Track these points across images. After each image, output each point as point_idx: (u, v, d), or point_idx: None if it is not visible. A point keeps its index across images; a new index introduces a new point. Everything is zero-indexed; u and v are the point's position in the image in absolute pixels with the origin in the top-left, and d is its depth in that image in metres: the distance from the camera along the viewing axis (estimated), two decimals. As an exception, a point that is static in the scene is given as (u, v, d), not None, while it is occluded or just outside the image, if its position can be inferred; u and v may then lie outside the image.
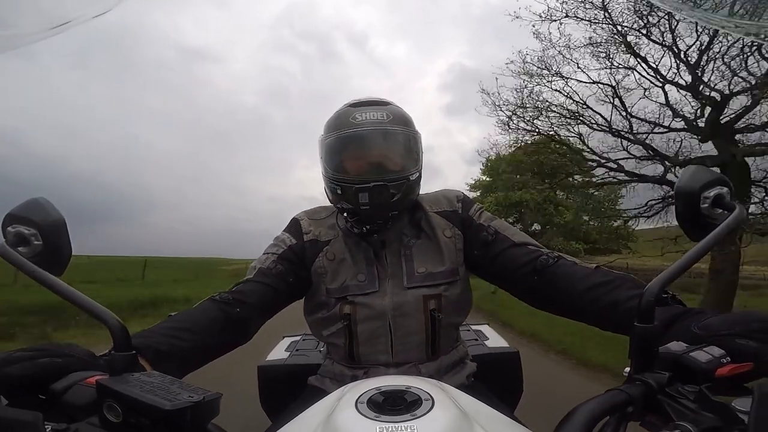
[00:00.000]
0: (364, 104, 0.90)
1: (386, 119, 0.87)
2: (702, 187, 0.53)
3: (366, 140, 0.87)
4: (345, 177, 0.87)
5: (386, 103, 0.91)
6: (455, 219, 0.94)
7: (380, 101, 0.92)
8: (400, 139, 0.89)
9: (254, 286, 0.85)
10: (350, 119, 0.87)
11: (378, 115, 0.87)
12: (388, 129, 0.87)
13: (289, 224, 0.98)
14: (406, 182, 0.87)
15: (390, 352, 0.88)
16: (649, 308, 0.44)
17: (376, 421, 0.41)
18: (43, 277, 0.47)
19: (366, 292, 0.88)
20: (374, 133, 0.87)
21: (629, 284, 0.70)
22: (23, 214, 0.51)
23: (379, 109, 0.88)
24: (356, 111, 0.88)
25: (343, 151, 0.88)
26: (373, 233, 0.90)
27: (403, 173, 0.87)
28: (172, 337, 0.66)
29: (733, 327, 0.46)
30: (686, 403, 0.39)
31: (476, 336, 1.51)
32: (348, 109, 0.90)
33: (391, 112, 0.89)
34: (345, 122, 0.88)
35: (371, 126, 0.86)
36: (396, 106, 0.92)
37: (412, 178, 0.88)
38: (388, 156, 0.87)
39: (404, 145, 0.89)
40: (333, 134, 0.89)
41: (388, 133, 0.87)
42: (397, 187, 0.85)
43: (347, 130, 0.87)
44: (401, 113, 0.91)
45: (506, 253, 0.87)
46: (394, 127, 0.88)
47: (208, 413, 0.38)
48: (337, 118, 0.90)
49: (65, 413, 0.41)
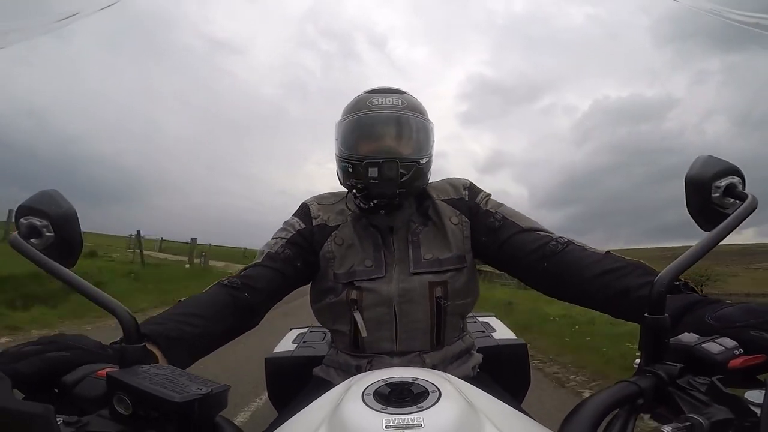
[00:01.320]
0: (382, 91, 0.95)
1: (401, 105, 0.91)
2: (713, 176, 0.52)
3: (380, 122, 0.90)
4: (358, 155, 0.89)
5: (402, 92, 0.95)
6: (462, 206, 0.95)
7: (397, 90, 0.95)
8: (413, 124, 0.92)
9: (262, 270, 0.86)
10: (367, 103, 0.91)
11: (394, 101, 0.91)
12: (403, 114, 0.90)
13: (299, 209, 0.99)
14: (416, 165, 0.89)
15: (395, 339, 0.88)
16: (659, 299, 0.43)
17: (383, 413, 0.41)
18: (55, 268, 0.47)
19: (372, 278, 0.89)
20: (389, 117, 0.90)
21: (640, 271, 0.69)
22: (35, 206, 0.51)
23: (395, 96, 0.92)
24: (373, 96, 0.92)
25: (358, 132, 0.92)
26: (379, 208, 0.90)
27: (414, 156, 0.89)
28: (182, 323, 0.67)
29: (748, 318, 0.45)
30: (697, 395, 0.38)
31: (483, 328, 1.50)
32: (366, 95, 0.94)
33: (406, 99, 0.92)
34: (362, 105, 0.92)
35: (386, 110, 0.90)
36: (411, 96, 0.95)
37: (422, 161, 0.90)
38: (401, 139, 0.90)
39: (416, 130, 0.92)
40: (349, 116, 0.93)
41: (401, 118, 0.91)
42: (407, 168, 0.87)
43: (363, 113, 0.91)
44: (416, 102, 0.94)
45: (514, 238, 0.86)
46: (408, 113, 0.91)
47: (216, 405, 0.38)
48: (355, 103, 0.94)
49: (77, 406, 0.41)
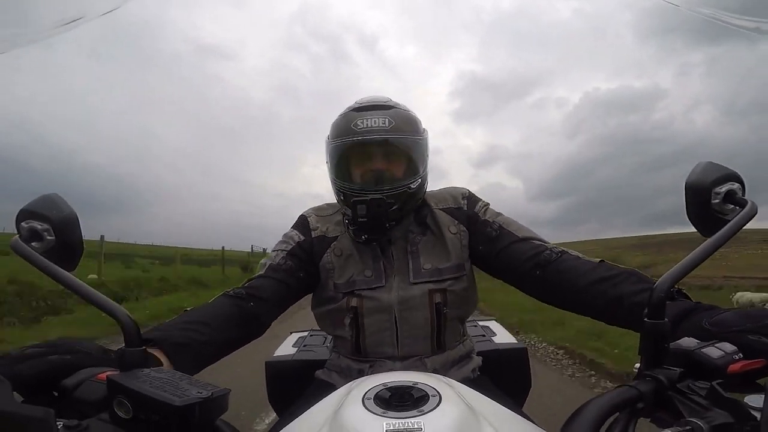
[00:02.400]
0: (367, 108, 0.90)
1: (388, 125, 0.87)
2: (713, 182, 0.53)
3: (365, 148, 0.88)
4: (347, 184, 0.89)
5: (389, 107, 0.90)
6: (460, 216, 0.95)
7: (383, 104, 0.91)
8: (402, 147, 0.89)
9: (266, 281, 0.87)
10: (352, 126, 0.87)
11: (380, 122, 0.87)
12: (390, 138, 0.87)
13: (297, 221, 1.00)
14: (406, 191, 0.87)
15: (396, 345, 0.89)
16: (659, 304, 0.43)
17: (383, 417, 0.41)
18: (56, 272, 0.47)
19: (373, 287, 0.89)
20: (374, 141, 0.87)
21: (634, 279, 0.70)
22: (36, 210, 0.51)
23: (381, 114, 0.88)
24: (359, 117, 0.88)
25: (345, 158, 0.90)
26: (372, 241, 0.91)
27: (404, 182, 0.87)
28: (188, 330, 0.67)
29: (745, 323, 0.46)
30: (697, 400, 0.38)
31: (483, 332, 1.50)
32: (351, 114, 0.90)
33: (394, 116, 0.88)
34: (347, 129, 0.88)
35: (372, 134, 0.86)
36: (400, 109, 0.91)
37: (413, 186, 0.88)
38: (389, 164, 0.88)
39: (405, 153, 0.89)
40: (336, 141, 0.90)
41: (389, 141, 0.87)
42: (396, 197, 0.86)
43: (348, 138, 0.87)
44: (405, 117, 0.90)
45: (510, 248, 0.87)
46: (396, 134, 0.87)
47: (216, 409, 0.38)
48: (340, 123, 0.90)
49: (77, 409, 0.41)
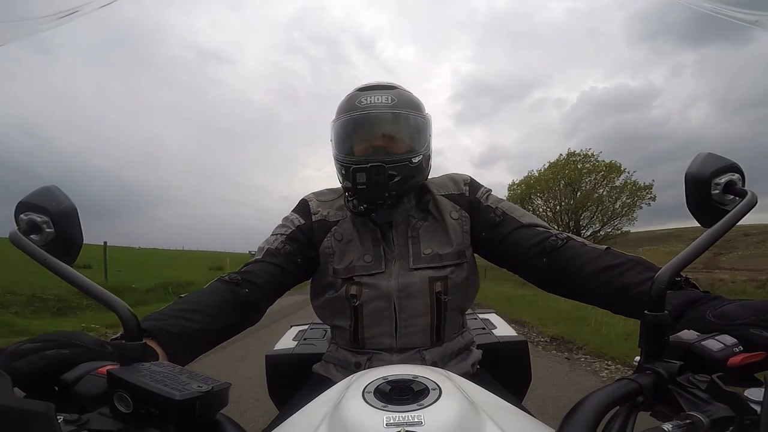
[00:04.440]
0: (372, 88, 0.91)
1: (391, 102, 0.88)
2: (713, 173, 0.52)
3: (369, 123, 0.88)
4: (348, 157, 0.88)
5: (393, 87, 0.92)
6: (462, 201, 0.94)
7: (388, 85, 0.92)
8: (404, 122, 0.90)
9: (263, 266, 0.86)
10: (356, 102, 0.88)
11: (384, 99, 0.88)
12: (393, 112, 0.88)
13: (298, 205, 0.99)
14: (408, 165, 0.87)
15: (394, 335, 0.88)
16: (659, 296, 0.43)
17: (384, 411, 0.41)
18: (55, 264, 0.47)
19: (372, 273, 0.89)
20: (378, 116, 0.88)
21: (641, 267, 0.69)
22: (35, 202, 0.51)
23: (385, 92, 0.89)
24: (363, 95, 0.89)
25: (349, 134, 0.90)
26: (370, 212, 0.90)
27: (405, 155, 0.87)
28: (182, 318, 0.67)
29: (749, 316, 0.45)
30: (697, 393, 0.38)
31: (483, 325, 1.50)
32: (355, 93, 0.91)
33: (397, 95, 0.89)
34: (352, 105, 0.89)
35: (376, 109, 0.87)
36: (404, 90, 0.92)
37: (415, 160, 0.88)
38: (392, 138, 0.88)
39: (408, 128, 0.90)
40: (340, 117, 0.91)
41: (392, 116, 0.88)
42: (398, 169, 0.86)
43: (352, 113, 0.88)
44: (408, 97, 0.91)
45: (514, 234, 0.86)
46: (399, 110, 0.88)
47: (217, 403, 0.38)
48: (345, 102, 0.92)
49: (77, 404, 0.41)
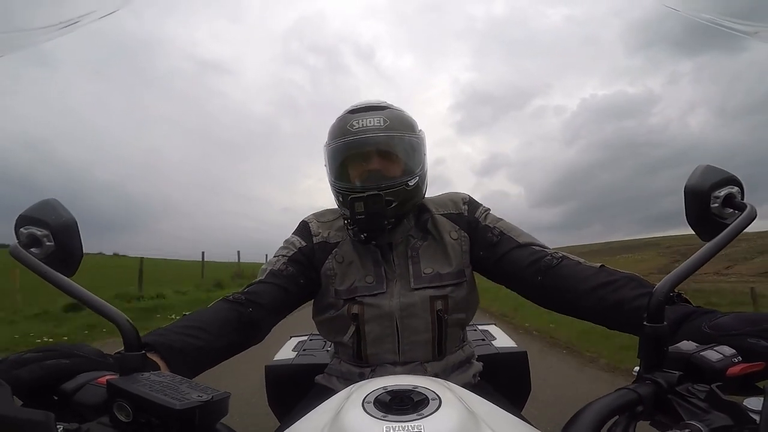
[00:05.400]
0: (362, 110, 0.90)
1: (384, 124, 0.87)
2: (712, 186, 0.52)
3: (361, 148, 0.88)
4: (344, 185, 0.89)
5: (384, 108, 0.91)
6: (461, 221, 0.95)
7: (378, 106, 0.92)
8: (399, 144, 0.89)
9: (266, 287, 0.86)
10: (348, 127, 0.88)
11: (376, 121, 0.87)
12: (387, 135, 0.87)
13: (299, 227, 0.99)
14: (404, 188, 0.87)
15: (397, 351, 0.89)
16: (659, 308, 0.43)
17: (383, 421, 0.41)
18: (55, 277, 0.47)
19: (374, 293, 0.89)
20: (370, 141, 0.87)
21: (634, 283, 0.70)
22: (35, 215, 0.51)
23: (377, 114, 0.88)
24: (354, 117, 0.89)
25: (342, 159, 0.90)
26: (371, 240, 0.91)
27: (401, 179, 0.87)
28: (186, 335, 0.67)
29: (744, 327, 0.46)
30: (697, 403, 0.38)
31: (483, 336, 1.50)
32: (346, 116, 0.90)
33: (389, 116, 0.89)
34: (344, 130, 0.89)
35: (369, 132, 0.87)
36: (395, 110, 0.92)
37: (411, 183, 0.88)
38: (387, 162, 0.88)
39: (403, 150, 0.89)
40: (332, 142, 0.90)
41: (385, 139, 0.88)
42: (395, 194, 0.86)
43: (344, 139, 0.88)
44: (400, 117, 0.90)
45: (511, 253, 0.87)
46: (393, 132, 0.88)
47: (217, 413, 0.38)
48: (337, 126, 0.91)
49: (77, 413, 0.41)
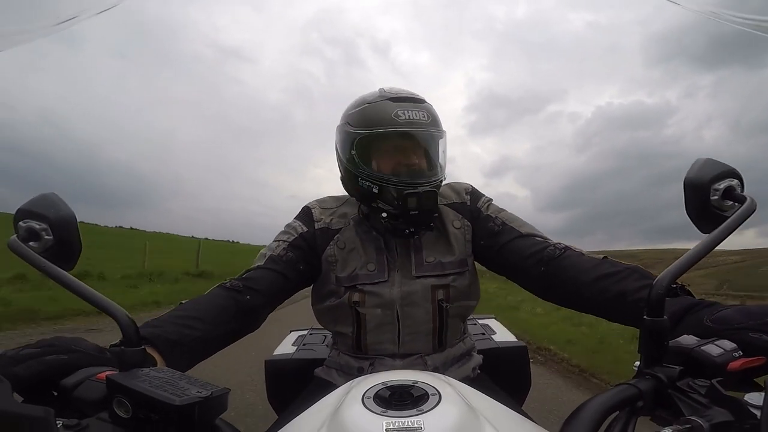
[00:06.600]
0: (404, 100, 0.86)
1: (427, 120, 0.86)
2: (712, 179, 0.52)
3: (409, 142, 0.87)
4: (387, 177, 0.85)
5: (423, 101, 0.89)
6: (464, 210, 0.95)
7: (418, 98, 0.89)
8: (440, 144, 0.90)
9: (264, 273, 0.86)
10: (392, 116, 0.83)
11: (420, 115, 0.85)
12: (431, 132, 0.87)
13: (301, 212, 0.98)
14: (440, 184, 0.90)
15: (397, 342, 0.88)
16: (658, 301, 0.43)
17: (383, 416, 0.41)
18: (54, 271, 0.47)
19: (375, 281, 0.89)
20: (419, 136, 0.87)
21: (637, 275, 0.69)
22: (34, 209, 0.51)
23: (419, 107, 0.86)
24: (399, 108, 0.84)
25: (386, 150, 0.87)
26: (414, 235, 0.90)
27: (439, 176, 0.89)
28: (182, 326, 0.66)
29: (746, 320, 0.45)
30: (697, 398, 0.38)
31: (483, 330, 1.50)
32: (387, 103, 0.85)
33: (428, 112, 0.87)
34: (387, 119, 0.84)
35: (417, 126, 0.85)
36: (430, 105, 0.90)
37: (444, 180, 0.91)
38: (430, 160, 0.89)
39: (441, 149, 0.91)
40: (374, 130, 0.85)
41: (430, 136, 0.88)
42: (438, 189, 0.89)
43: (391, 128, 0.84)
44: (436, 114, 0.90)
45: (513, 243, 0.87)
46: (434, 129, 0.87)
47: (216, 408, 0.38)
48: (374, 111, 0.85)
49: (76, 409, 0.41)
